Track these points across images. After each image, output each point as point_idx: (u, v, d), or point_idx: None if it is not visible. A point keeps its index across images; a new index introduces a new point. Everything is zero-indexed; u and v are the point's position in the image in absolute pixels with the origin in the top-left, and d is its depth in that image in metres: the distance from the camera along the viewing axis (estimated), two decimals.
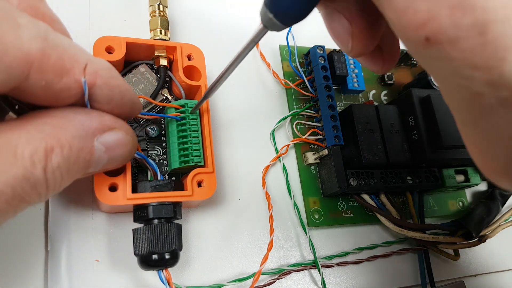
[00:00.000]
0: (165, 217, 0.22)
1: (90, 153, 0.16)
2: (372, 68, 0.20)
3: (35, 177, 0.13)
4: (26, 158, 0.13)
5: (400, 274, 0.30)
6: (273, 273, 0.26)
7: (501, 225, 0.31)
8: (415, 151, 0.28)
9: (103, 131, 0.16)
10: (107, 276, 0.23)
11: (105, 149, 0.16)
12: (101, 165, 0.17)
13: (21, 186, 0.13)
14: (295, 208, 0.28)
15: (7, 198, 0.13)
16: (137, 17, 0.29)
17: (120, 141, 0.17)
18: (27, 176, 0.13)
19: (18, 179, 0.13)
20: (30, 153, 0.13)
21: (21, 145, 0.13)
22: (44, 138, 0.14)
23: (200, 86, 0.25)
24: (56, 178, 0.14)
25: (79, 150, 0.15)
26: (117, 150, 0.17)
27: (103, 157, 0.16)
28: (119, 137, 0.17)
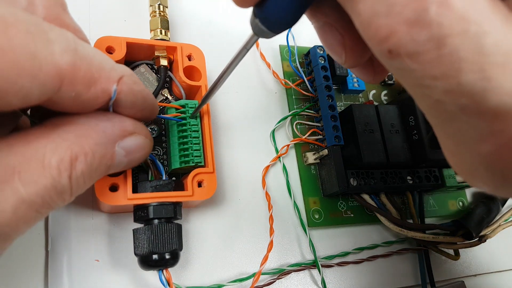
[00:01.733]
0: (166, 217, 0.22)
1: (112, 159, 0.16)
2: (363, 78, 0.20)
3: (62, 185, 0.14)
4: (54, 168, 0.14)
5: (400, 274, 0.30)
6: (273, 273, 0.26)
7: (501, 225, 0.31)
8: (415, 151, 0.28)
9: (124, 137, 0.16)
10: (107, 276, 0.23)
11: (125, 153, 0.17)
12: (120, 167, 0.17)
13: (50, 195, 0.14)
14: (295, 208, 0.28)
15: (37, 208, 0.13)
16: (137, 17, 0.29)
17: (140, 145, 0.17)
18: (54, 185, 0.14)
19: (47, 189, 0.13)
20: (57, 162, 0.14)
21: (48, 154, 0.14)
22: (69, 147, 0.14)
23: (200, 86, 0.25)
24: (80, 184, 0.15)
25: (101, 157, 0.15)
26: (137, 153, 0.17)
27: (123, 161, 0.17)
28: (138, 142, 0.17)
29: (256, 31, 0.17)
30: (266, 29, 0.16)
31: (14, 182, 0.13)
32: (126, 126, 0.17)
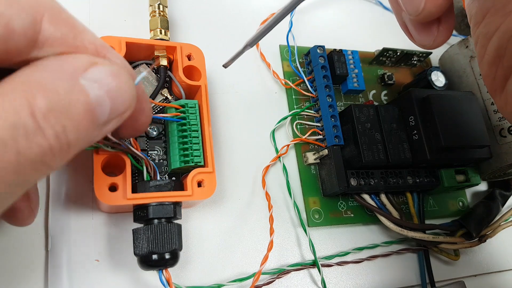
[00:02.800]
0: (165, 217, 0.22)
1: (83, 92, 0.14)
2: (424, 39, 0.20)
3: (25, 125, 0.12)
4: (7, 109, 0.12)
5: (400, 274, 0.30)
6: (273, 273, 0.26)
7: (501, 225, 0.31)
8: (415, 151, 0.28)
9: (86, 69, 0.14)
10: (107, 276, 0.23)
11: (97, 85, 0.14)
12: (106, 106, 0.15)
13: (11, 136, 0.12)
14: (295, 208, 0.28)
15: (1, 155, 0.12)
16: (137, 17, 0.29)
17: (109, 72, 0.15)
18: (12, 123, 0.12)
19: (4, 129, 0.12)
20: (9, 102, 0.12)
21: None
22: (23, 86, 0.13)
23: (200, 86, 0.25)
24: (54, 125, 0.13)
25: (66, 92, 0.13)
26: (112, 82, 0.15)
27: (102, 96, 0.15)
28: (106, 69, 0.15)
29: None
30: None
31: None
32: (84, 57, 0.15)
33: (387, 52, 0.33)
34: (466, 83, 0.33)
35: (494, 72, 0.17)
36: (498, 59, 0.16)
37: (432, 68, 0.33)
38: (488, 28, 0.16)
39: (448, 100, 0.28)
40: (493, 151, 0.30)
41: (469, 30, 0.18)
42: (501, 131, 0.30)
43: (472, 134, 0.28)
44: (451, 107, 0.28)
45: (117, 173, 0.21)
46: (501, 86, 0.17)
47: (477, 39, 0.17)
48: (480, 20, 0.17)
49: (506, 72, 0.16)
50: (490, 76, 0.17)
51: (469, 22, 0.17)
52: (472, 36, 0.17)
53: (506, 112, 0.17)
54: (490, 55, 0.16)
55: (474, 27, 0.17)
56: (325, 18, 0.36)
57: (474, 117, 0.28)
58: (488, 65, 0.17)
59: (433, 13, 0.19)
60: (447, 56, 0.35)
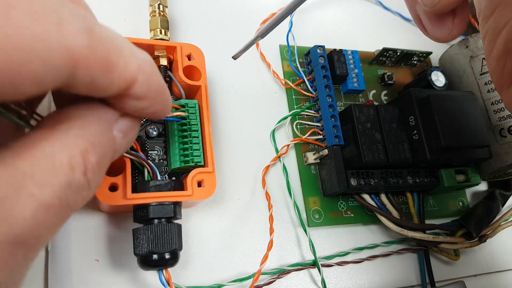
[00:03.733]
0: (165, 217, 0.22)
1: (114, 142, 0.16)
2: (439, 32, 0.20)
3: (77, 182, 0.13)
4: (65, 166, 0.13)
5: (400, 274, 0.30)
6: (273, 273, 0.26)
7: (501, 225, 0.31)
8: (415, 151, 0.28)
9: (117, 119, 0.16)
10: (107, 276, 0.23)
11: (122, 135, 0.16)
12: (121, 151, 0.17)
13: (66, 194, 0.13)
14: (295, 208, 0.28)
15: (55, 210, 0.13)
16: (137, 17, 0.29)
17: (133, 125, 0.17)
18: (69, 183, 0.13)
19: (62, 188, 0.13)
20: (68, 159, 0.13)
21: (57, 153, 0.13)
22: (76, 142, 0.14)
23: (200, 86, 0.25)
24: (95, 177, 0.14)
25: (107, 143, 0.15)
26: (131, 133, 0.17)
27: (123, 143, 0.16)
28: (130, 121, 0.17)
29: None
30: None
31: (27, 187, 0.12)
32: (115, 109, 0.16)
33: (387, 52, 0.33)
34: (466, 83, 0.33)
35: (502, 66, 0.17)
36: (506, 53, 0.16)
37: (432, 68, 0.33)
38: (497, 22, 0.16)
39: (448, 100, 0.28)
40: (493, 151, 0.30)
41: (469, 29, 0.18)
42: (501, 131, 0.30)
43: (472, 134, 0.28)
44: (451, 107, 0.28)
45: (117, 173, 0.21)
46: (509, 81, 0.17)
47: (485, 34, 0.17)
48: (489, 15, 0.16)
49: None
50: (498, 71, 0.17)
51: (477, 16, 0.17)
52: (480, 31, 0.17)
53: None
54: (498, 50, 0.16)
55: (483, 21, 0.17)
56: (325, 18, 0.36)
57: (474, 117, 0.28)
58: (496, 59, 0.17)
59: (449, 4, 0.18)
60: (447, 56, 0.35)
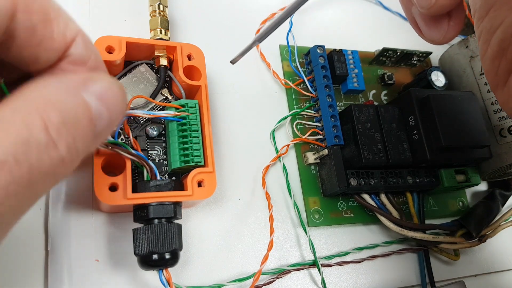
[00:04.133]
0: (165, 217, 0.22)
1: (86, 107, 0.15)
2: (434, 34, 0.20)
3: (37, 139, 0.13)
4: (18, 124, 0.12)
5: (400, 274, 0.30)
6: (273, 273, 0.26)
7: (501, 225, 0.31)
8: (415, 151, 0.28)
9: (86, 84, 0.15)
10: (107, 276, 0.23)
11: (97, 100, 0.15)
12: (104, 118, 0.16)
13: (24, 152, 0.12)
14: (295, 208, 0.28)
15: (10, 168, 0.12)
16: (137, 17, 0.29)
17: (107, 87, 0.16)
18: (25, 139, 0.12)
19: (17, 145, 0.12)
20: (21, 118, 0.12)
21: (7, 115, 0.12)
22: (33, 102, 0.13)
23: (200, 86, 0.25)
24: (67, 138, 0.13)
25: (74, 106, 0.14)
26: (110, 98, 0.16)
27: (102, 110, 0.15)
28: (103, 83, 0.16)
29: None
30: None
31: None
32: (82, 74, 0.16)
33: (387, 52, 0.34)
34: (466, 83, 0.33)
35: (496, 66, 0.17)
36: (501, 53, 0.16)
37: (432, 68, 0.33)
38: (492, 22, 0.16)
39: (448, 100, 0.28)
40: (493, 151, 0.30)
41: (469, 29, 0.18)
42: (501, 131, 0.30)
43: (472, 134, 0.28)
44: (451, 107, 0.28)
45: (117, 173, 0.22)
46: (504, 81, 0.17)
47: (480, 34, 0.17)
48: (484, 15, 0.17)
49: (509, 66, 0.16)
50: (493, 70, 0.17)
51: (472, 16, 0.17)
52: (476, 31, 0.17)
53: (508, 107, 0.17)
54: (493, 49, 0.16)
55: (478, 21, 0.17)
56: (325, 18, 0.36)
57: (474, 117, 0.28)
58: (490, 59, 0.17)
59: (445, 6, 0.19)
60: (447, 56, 0.35)
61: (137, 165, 0.22)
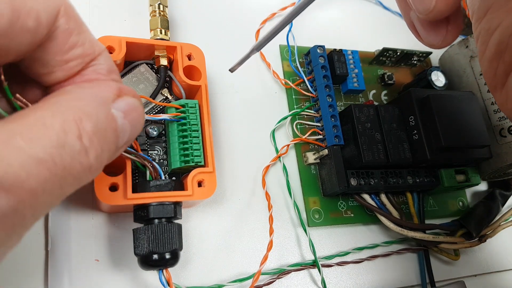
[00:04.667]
0: (166, 217, 0.22)
1: (114, 120, 0.16)
2: (433, 39, 0.20)
3: (71, 145, 0.13)
4: (57, 127, 0.13)
5: (400, 274, 0.30)
6: (273, 273, 0.26)
7: (501, 225, 0.31)
8: (415, 151, 0.28)
9: (115, 99, 0.16)
10: (107, 276, 0.23)
11: (123, 114, 0.16)
12: (126, 133, 0.17)
13: (59, 153, 0.13)
14: (295, 208, 0.28)
15: (49, 166, 0.13)
16: (137, 17, 0.29)
17: (132, 105, 0.17)
18: (61, 144, 0.13)
19: (54, 147, 0.13)
20: (60, 124, 0.13)
21: (48, 119, 0.13)
22: (70, 111, 0.14)
23: (200, 86, 0.25)
24: (96, 148, 0.14)
25: (105, 117, 0.15)
26: (133, 113, 0.17)
27: (125, 124, 0.17)
28: (130, 101, 0.17)
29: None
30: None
31: (16, 140, 0.12)
32: (113, 89, 0.17)
33: (387, 52, 0.34)
34: (466, 83, 0.33)
35: (495, 68, 0.17)
36: (499, 54, 0.16)
37: (432, 68, 0.33)
38: (490, 24, 0.16)
39: (448, 100, 0.28)
40: (493, 151, 0.30)
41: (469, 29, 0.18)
42: (501, 131, 0.30)
43: (472, 134, 0.28)
44: (451, 107, 0.28)
45: (117, 173, 0.21)
46: (502, 82, 0.17)
47: (478, 35, 0.17)
48: (482, 16, 0.17)
49: (507, 67, 0.16)
50: (491, 72, 0.17)
51: (470, 18, 0.17)
52: (474, 32, 0.17)
53: (506, 108, 0.17)
54: (491, 51, 0.16)
55: (476, 22, 0.17)
56: (325, 18, 0.36)
57: (474, 117, 0.28)
58: (489, 61, 0.17)
59: (443, 11, 0.19)
60: (447, 56, 0.35)
61: (138, 165, 0.22)
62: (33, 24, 0.14)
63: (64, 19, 0.15)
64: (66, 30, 0.16)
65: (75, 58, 0.16)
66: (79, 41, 0.16)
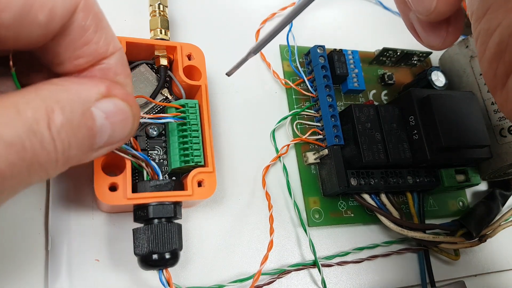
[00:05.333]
0: (165, 217, 0.22)
1: (92, 119, 0.16)
2: (433, 40, 0.20)
3: (41, 133, 0.14)
4: (29, 116, 0.13)
5: (400, 274, 0.30)
6: (274, 273, 0.26)
7: (501, 225, 0.31)
8: (416, 151, 0.28)
9: (99, 99, 0.16)
10: (107, 276, 0.23)
11: (105, 116, 0.16)
12: (106, 135, 0.16)
13: (29, 139, 0.13)
14: (295, 208, 0.28)
15: (18, 150, 0.13)
16: (137, 17, 0.29)
17: (119, 108, 0.17)
18: (33, 131, 0.13)
19: (25, 132, 0.13)
20: (32, 111, 0.13)
21: (21, 105, 0.13)
22: (44, 100, 0.14)
23: (201, 86, 0.25)
24: (63, 141, 0.14)
25: (80, 114, 0.15)
26: (117, 116, 0.17)
27: (106, 125, 0.16)
28: (117, 104, 0.17)
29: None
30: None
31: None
32: (100, 89, 0.16)
33: (387, 52, 0.34)
34: (466, 83, 0.33)
35: (494, 68, 0.16)
36: (499, 55, 0.16)
37: (432, 68, 0.33)
38: (489, 24, 0.16)
39: (448, 100, 0.28)
40: (493, 151, 0.30)
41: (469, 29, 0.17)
42: (501, 131, 0.30)
43: (472, 134, 0.28)
44: (451, 107, 0.28)
45: (117, 172, 0.21)
46: (502, 83, 0.17)
47: (477, 35, 0.17)
48: (482, 16, 0.16)
49: (507, 68, 0.16)
50: (491, 73, 0.17)
51: (470, 18, 0.17)
52: (473, 33, 0.17)
53: (506, 109, 0.17)
54: (491, 51, 0.16)
55: (475, 23, 0.17)
56: (325, 18, 0.36)
57: (474, 117, 0.28)
58: (488, 61, 0.17)
59: (444, 12, 0.18)
60: (447, 56, 0.35)
61: (135, 166, 0.22)
62: (44, 19, 0.14)
63: (82, 15, 0.15)
64: (82, 26, 0.16)
65: (86, 55, 0.16)
66: (93, 38, 0.16)
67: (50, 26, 0.15)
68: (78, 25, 0.15)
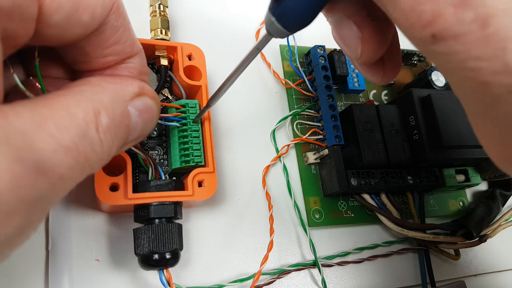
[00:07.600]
0: (166, 217, 0.22)
1: (128, 117, 0.16)
2: (373, 79, 0.20)
3: (91, 135, 0.14)
4: (80, 118, 0.14)
5: (400, 274, 0.30)
6: (274, 273, 0.26)
7: (501, 225, 0.31)
8: (416, 150, 0.28)
9: (133, 98, 0.17)
10: (107, 276, 0.23)
11: (138, 113, 0.17)
12: (137, 131, 0.17)
13: (82, 143, 0.14)
14: (295, 208, 0.28)
15: (74, 155, 0.13)
16: (138, 17, 0.29)
17: (149, 106, 0.18)
18: (84, 134, 0.14)
19: (78, 136, 0.13)
20: (82, 114, 0.14)
21: (72, 107, 0.14)
22: (90, 102, 0.15)
23: (201, 86, 0.25)
24: (108, 141, 0.15)
25: (120, 114, 0.16)
26: (147, 114, 0.18)
27: (138, 122, 0.17)
28: (147, 102, 0.18)
29: (269, 28, 0.16)
30: (282, 27, 0.16)
31: (49, 126, 0.13)
32: (134, 88, 0.17)
33: None
34: None
35: None
36: None
37: (432, 68, 0.33)
38: None
39: (449, 99, 0.28)
40: None
41: None
42: None
43: (472, 133, 0.27)
44: (451, 107, 0.28)
45: (117, 173, 0.22)
46: None
47: None
48: None
49: None
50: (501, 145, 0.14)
51: None
52: None
53: None
54: None
55: None
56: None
57: None
58: None
59: (371, 57, 0.18)
60: None
61: (141, 163, 0.22)
62: (87, 19, 0.15)
63: (114, 16, 0.16)
64: (114, 26, 0.16)
65: (114, 54, 0.17)
66: (122, 38, 0.17)
67: (90, 26, 0.15)
68: (111, 25, 0.16)
